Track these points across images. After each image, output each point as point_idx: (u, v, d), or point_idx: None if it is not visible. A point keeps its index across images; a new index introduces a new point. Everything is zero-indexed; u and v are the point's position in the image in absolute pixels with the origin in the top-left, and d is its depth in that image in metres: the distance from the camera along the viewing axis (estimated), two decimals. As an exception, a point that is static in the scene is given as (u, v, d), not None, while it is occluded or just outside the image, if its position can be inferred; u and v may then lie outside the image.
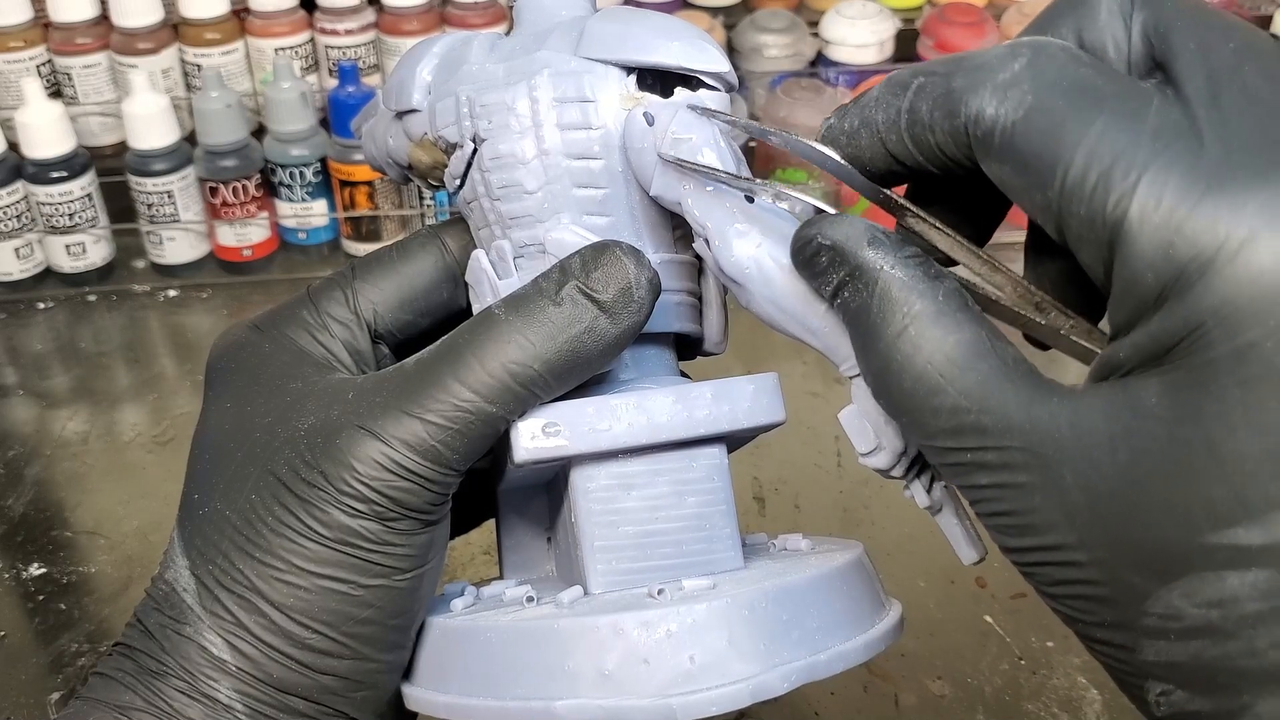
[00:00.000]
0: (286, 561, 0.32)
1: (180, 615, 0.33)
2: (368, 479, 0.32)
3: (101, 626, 0.62)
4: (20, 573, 0.65)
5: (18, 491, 0.71)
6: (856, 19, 0.97)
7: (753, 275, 0.32)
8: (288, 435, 0.33)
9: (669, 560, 0.34)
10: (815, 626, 0.32)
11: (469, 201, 0.36)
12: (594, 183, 0.34)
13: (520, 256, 0.35)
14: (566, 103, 0.34)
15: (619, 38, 0.34)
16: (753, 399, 0.34)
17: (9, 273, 0.87)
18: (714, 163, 0.33)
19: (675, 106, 0.34)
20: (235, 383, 0.36)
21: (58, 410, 0.78)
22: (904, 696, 0.56)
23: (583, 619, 0.31)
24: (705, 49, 0.35)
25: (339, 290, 0.37)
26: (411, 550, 0.33)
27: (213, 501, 0.33)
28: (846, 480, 0.69)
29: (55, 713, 0.57)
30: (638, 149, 0.34)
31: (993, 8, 1.03)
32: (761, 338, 0.38)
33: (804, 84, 0.91)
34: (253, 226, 0.88)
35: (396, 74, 0.38)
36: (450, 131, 0.36)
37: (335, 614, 0.32)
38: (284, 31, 0.94)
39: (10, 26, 0.91)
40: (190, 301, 0.88)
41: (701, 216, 0.32)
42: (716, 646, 0.30)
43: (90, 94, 0.94)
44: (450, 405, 0.32)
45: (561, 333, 0.32)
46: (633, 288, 0.32)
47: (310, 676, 0.33)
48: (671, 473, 0.34)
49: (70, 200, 0.85)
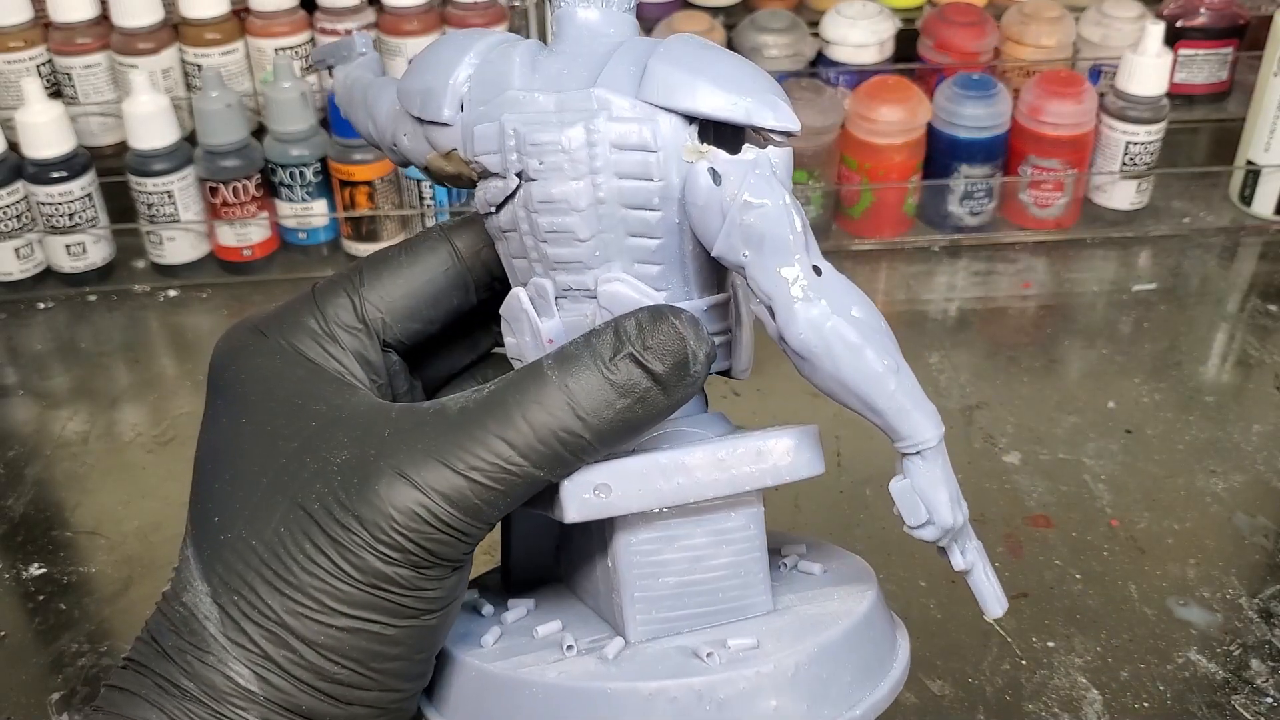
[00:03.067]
0: (317, 600, 0.31)
1: (202, 644, 0.32)
2: (405, 529, 0.31)
3: (101, 626, 0.61)
4: (20, 573, 0.65)
5: (18, 491, 0.71)
6: (856, 19, 0.97)
7: (820, 353, 0.31)
8: (318, 468, 0.32)
9: (705, 608, 0.35)
10: (849, 680, 0.33)
11: (504, 230, 0.35)
12: (649, 233, 0.33)
13: (563, 297, 0.34)
14: (627, 149, 0.32)
15: (687, 86, 0.32)
16: (795, 454, 0.34)
17: (9, 273, 0.87)
18: (784, 233, 0.31)
19: (745, 166, 0.32)
20: (248, 395, 0.35)
21: (58, 410, 0.78)
22: (904, 696, 0.56)
23: (635, 684, 0.32)
24: (778, 105, 0.32)
25: (346, 298, 0.36)
26: (441, 592, 0.33)
27: (236, 528, 0.33)
28: (846, 480, 0.69)
29: (55, 713, 0.57)
30: (701, 206, 0.32)
31: (993, 8, 1.03)
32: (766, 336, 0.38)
33: (804, 84, 0.91)
34: (253, 226, 0.88)
35: (421, 77, 0.35)
36: (491, 160, 0.34)
37: (365, 652, 0.32)
38: (284, 31, 0.94)
39: (10, 26, 0.91)
40: (190, 301, 0.88)
41: (768, 287, 0.31)
42: (764, 712, 0.31)
43: (90, 94, 0.94)
44: (496, 466, 0.31)
45: (615, 404, 0.31)
46: (689, 362, 0.32)
47: (339, 707, 0.32)
48: (711, 523, 0.34)
49: (70, 200, 0.85)
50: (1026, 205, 0.93)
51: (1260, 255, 0.92)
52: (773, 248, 0.31)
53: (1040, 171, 0.91)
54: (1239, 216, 0.95)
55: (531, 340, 0.34)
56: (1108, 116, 0.91)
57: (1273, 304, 0.86)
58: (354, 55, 0.42)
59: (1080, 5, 1.03)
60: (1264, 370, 0.80)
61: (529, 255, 0.34)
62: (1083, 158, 0.91)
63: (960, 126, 0.90)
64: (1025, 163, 0.91)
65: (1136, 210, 0.95)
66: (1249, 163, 0.94)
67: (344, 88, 0.41)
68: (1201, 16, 1.02)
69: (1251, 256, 0.92)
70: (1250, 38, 1.03)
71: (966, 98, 0.89)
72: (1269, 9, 1.02)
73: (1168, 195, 0.97)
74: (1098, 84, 0.99)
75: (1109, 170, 0.93)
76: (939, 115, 0.90)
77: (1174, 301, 0.87)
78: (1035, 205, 0.92)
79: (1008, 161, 0.92)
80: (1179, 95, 1.02)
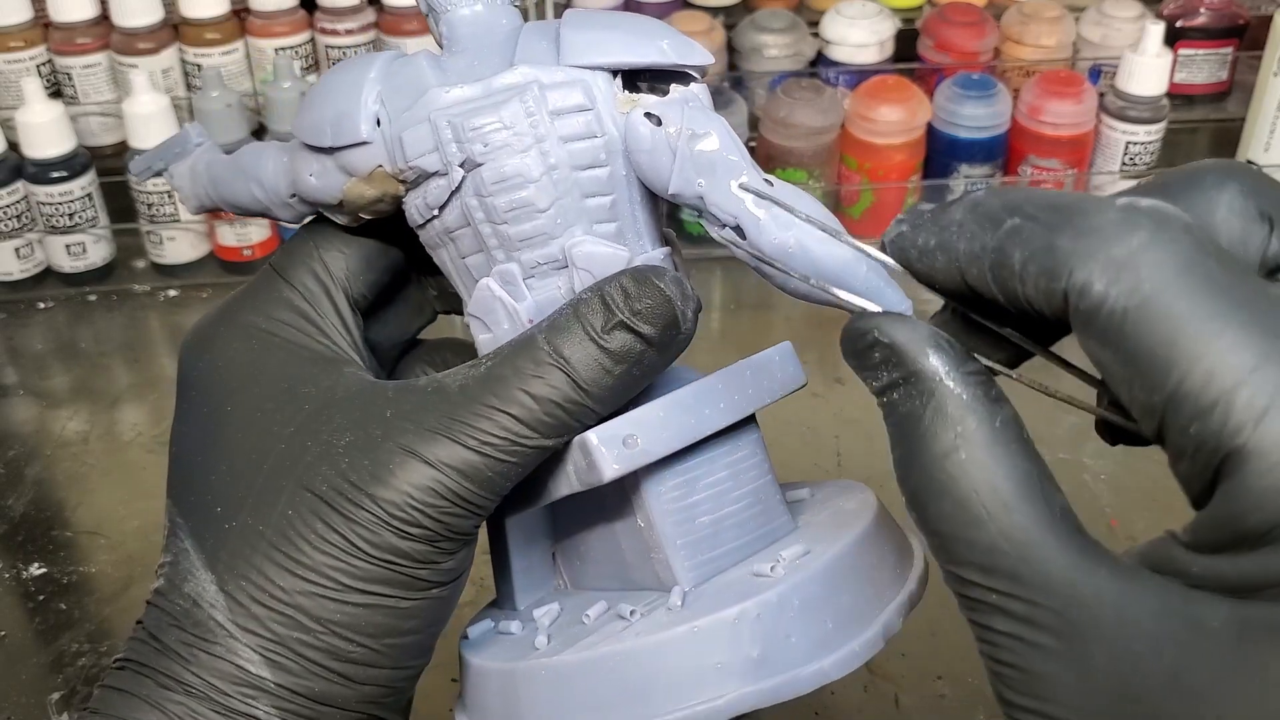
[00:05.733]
0: (332, 579, 0.32)
1: (208, 634, 0.32)
2: (422, 505, 0.32)
3: (101, 626, 0.61)
4: (20, 573, 0.65)
5: (18, 491, 0.71)
6: (856, 19, 0.97)
7: (795, 251, 0.32)
8: (321, 450, 0.33)
9: (740, 539, 0.36)
10: (894, 562, 0.35)
11: (451, 231, 0.35)
12: (602, 190, 0.34)
13: (531, 277, 0.35)
14: (566, 114, 0.33)
15: (604, 42, 0.34)
16: (782, 369, 0.36)
17: (9, 273, 0.87)
18: (733, 154, 0.33)
19: (678, 103, 0.33)
20: (228, 384, 0.35)
21: (58, 410, 0.78)
22: (904, 696, 0.56)
23: (719, 614, 0.32)
24: (690, 44, 0.35)
25: (308, 263, 0.37)
26: (453, 565, 0.33)
27: (240, 515, 0.33)
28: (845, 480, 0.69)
29: (55, 713, 0.57)
30: (648, 150, 0.33)
31: (993, 8, 1.03)
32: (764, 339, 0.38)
33: (804, 84, 0.91)
34: (253, 226, 0.88)
35: (325, 107, 0.35)
36: (429, 160, 0.34)
37: (380, 627, 0.32)
38: (284, 31, 0.94)
39: (10, 26, 0.91)
40: (190, 301, 0.88)
41: (731, 206, 0.33)
42: (841, 604, 0.33)
43: (90, 94, 0.94)
44: (505, 440, 0.32)
45: (613, 371, 0.32)
46: (679, 321, 0.32)
47: (351, 687, 0.33)
48: (724, 456, 0.35)
49: (70, 200, 0.85)
50: (1026, 205, 0.93)
51: (1260, 255, 0.92)
52: (725, 170, 0.33)
53: (1040, 171, 0.91)
54: (1239, 216, 0.95)
55: (510, 328, 0.35)
56: (1108, 116, 0.91)
57: (1272, 304, 0.86)
58: (190, 148, 0.42)
59: (1080, 5, 1.03)
60: (1264, 370, 0.80)
61: (487, 245, 0.35)
62: (1082, 158, 0.91)
63: (960, 126, 0.90)
64: (1025, 163, 0.91)
65: (1136, 210, 0.94)
66: (1249, 163, 0.94)
67: (194, 177, 0.41)
68: (1201, 16, 1.02)
69: (1251, 256, 0.92)
70: (1250, 38, 1.03)
71: (966, 98, 0.89)
72: (1269, 9, 1.02)
73: (1168, 195, 0.96)
74: (1098, 84, 0.99)
75: (1109, 170, 0.93)
76: (939, 115, 0.90)
77: (1174, 301, 0.87)
78: (1035, 205, 0.92)
79: (1008, 161, 0.92)
80: (1179, 95, 1.02)
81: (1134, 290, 0.24)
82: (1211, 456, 0.23)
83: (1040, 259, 0.25)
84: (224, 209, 0.40)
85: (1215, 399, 0.23)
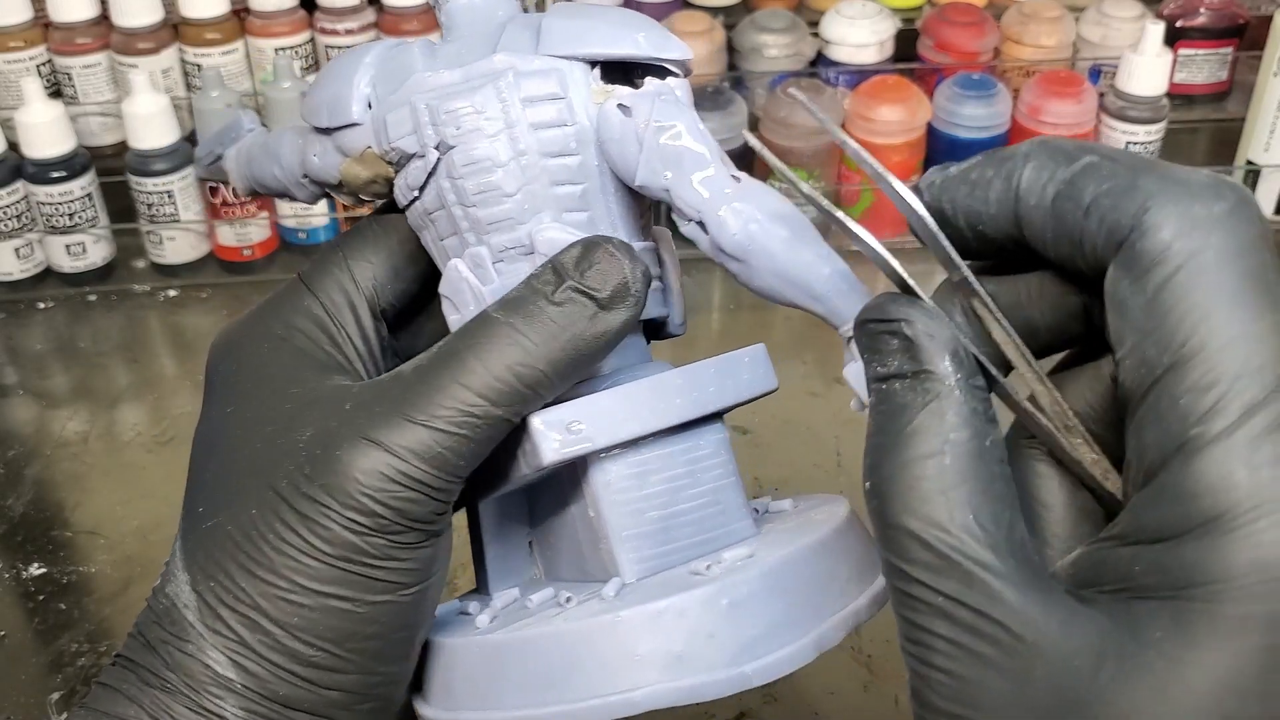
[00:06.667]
0: (289, 580, 0.32)
1: (181, 632, 0.33)
2: (372, 490, 0.31)
3: (101, 626, 0.61)
4: (20, 573, 0.65)
5: (18, 491, 0.71)
6: (856, 19, 0.97)
7: (755, 250, 0.32)
8: (287, 447, 0.33)
9: (692, 538, 0.35)
10: (846, 576, 0.34)
11: (430, 213, 0.36)
12: (572, 179, 0.34)
13: (500, 261, 0.35)
14: (538, 101, 0.34)
15: (582, 32, 0.34)
16: (750, 370, 0.36)
17: (9, 273, 0.87)
18: (699, 148, 0.33)
19: (650, 95, 0.34)
20: (239, 386, 0.35)
21: (58, 410, 0.78)
22: (904, 696, 0.56)
23: (644, 607, 0.32)
24: (668, 37, 0.35)
25: (336, 274, 0.37)
26: (415, 564, 0.33)
27: (217, 515, 0.33)
28: (846, 480, 0.69)
29: (55, 713, 0.57)
30: (616, 140, 0.34)
31: (993, 8, 1.03)
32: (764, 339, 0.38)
33: (804, 84, 0.91)
34: (253, 226, 0.88)
35: (324, 90, 0.37)
36: (407, 142, 0.35)
37: (340, 631, 0.32)
38: (284, 31, 0.94)
39: (10, 26, 0.91)
40: (190, 301, 0.88)
41: (694, 200, 0.33)
42: (774, 610, 0.32)
43: (90, 94, 0.94)
44: (456, 411, 0.32)
45: (564, 331, 0.32)
46: (629, 282, 0.33)
47: (316, 692, 0.32)
48: (682, 453, 0.35)
49: (70, 200, 0.85)
50: (1026, 205, 0.93)
51: (1260, 255, 0.92)
52: (692, 163, 0.33)
53: (1040, 171, 0.91)
54: (1239, 216, 0.95)
55: (475, 309, 0.35)
56: (1107, 116, 0.91)
57: (1273, 304, 0.86)
58: (242, 133, 0.43)
59: (1080, 5, 1.03)
60: (1264, 370, 0.80)
61: (459, 227, 0.35)
62: (1083, 158, 0.91)
63: (960, 126, 0.90)
64: (1025, 163, 0.91)
65: (1136, 210, 0.94)
66: (1249, 163, 0.94)
67: (240, 160, 0.42)
68: (1201, 16, 1.02)
69: (1251, 256, 0.92)
70: (1250, 37, 1.03)
71: (966, 98, 0.89)
72: (1269, 9, 1.02)
73: (1168, 195, 0.96)
74: (1097, 84, 0.99)
75: (1109, 170, 0.92)
76: (939, 115, 0.90)
77: (1174, 301, 0.87)
78: (1035, 205, 0.92)
79: (1008, 161, 0.92)
80: (1179, 95, 1.02)
81: (1199, 250, 0.24)
82: (1185, 429, 0.24)
83: (1116, 193, 0.25)
84: (259, 191, 0.42)
85: (1217, 379, 0.23)
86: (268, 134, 0.41)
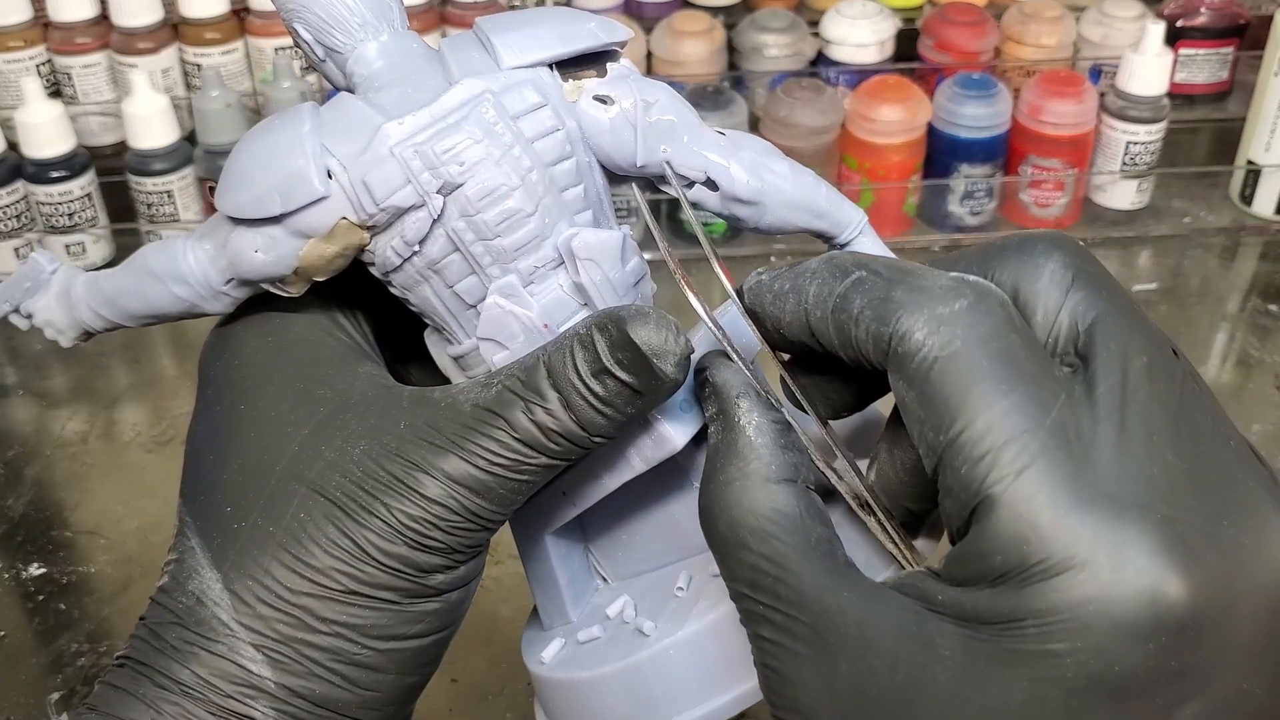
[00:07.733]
0: (339, 581, 0.32)
1: (211, 633, 0.32)
2: (436, 519, 0.32)
3: (101, 626, 0.61)
4: (20, 573, 0.65)
5: (18, 491, 0.71)
6: (857, 19, 0.97)
7: (768, 190, 0.34)
8: (334, 457, 0.33)
9: None
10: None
11: (435, 263, 0.34)
12: (573, 181, 0.34)
13: (530, 283, 0.34)
14: (525, 115, 0.33)
15: (538, 38, 0.34)
16: None
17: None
18: (685, 114, 0.35)
19: (620, 79, 0.34)
20: (244, 382, 0.35)
21: (58, 410, 0.78)
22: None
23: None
24: (611, 21, 0.36)
25: None
26: (464, 573, 0.34)
27: (251, 516, 0.33)
28: (847, 480, 0.69)
29: (55, 713, 0.57)
30: (609, 130, 0.34)
31: (993, 8, 1.03)
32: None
33: (804, 84, 0.91)
34: (253, 226, 0.88)
35: (266, 174, 0.33)
36: (402, 196, 0.33)
37: (385, 630, 0.33)
38: (284, 31, 0.94)
39: (10, 26, 0.91)
40: (190, 301, 0.88)
41: (698, 163, 0.34)
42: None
43: (90, 94, 0.94)
44: (516, 461, 0.32)
45: (605, 412, 0.32)
46: (667, 369, 0.32)
47: (353, 691, 0.33)
48: None
49: (70, 200, 0.85)
50: (1027, 205, 0.93)
51: (1260, 255, 0.92)
52: (684, 130, 0.34)
53: (1040, 171, 0.91)
54: (1239, 216, 0.95)
55: (526, 339, 0.34)
56: (1108, 116, 0.91)
57: (1273, 304, 0.86)
58: (44, 278, 0.40)
59: (1080, 5, 1.03)
60: (1264, 370, 0.80)
61: (479, 264, 0.34)
62: (1083, 157, 0.91)
63: (960, 126, 0.90)
64: (1025, 162, 0.91)
65: (1137, 210, 0.95)
66: (1249, 162, 0.94)
67: (68, 304, 0.39)
68: (1202, 16, 1.02)
69: (1252, 256, 0.92)
70: (1250, 37, 1.03)
71: (967, 97, 0.89)
72: (1269, 9, 1.02)
73: (1168, 195, 0.97)
74: (1098, 84, 0.99)
75: (1109, 170, 0.93)
76: (939, 115, 0.90)
77: (1174, 301, 0.87)
78: (1035, 205, 0.92)
79: (1008, 161, 0.92)
80: (1179, 95, 1.02)
81: (947, 344, 0.28)
82: (972, 498, 0.27)
83: (876, 306, 0.29)
84: (125, 324, 0.38)
85: (987, 449, 0.27)
86: (138, 259, 0.38)
